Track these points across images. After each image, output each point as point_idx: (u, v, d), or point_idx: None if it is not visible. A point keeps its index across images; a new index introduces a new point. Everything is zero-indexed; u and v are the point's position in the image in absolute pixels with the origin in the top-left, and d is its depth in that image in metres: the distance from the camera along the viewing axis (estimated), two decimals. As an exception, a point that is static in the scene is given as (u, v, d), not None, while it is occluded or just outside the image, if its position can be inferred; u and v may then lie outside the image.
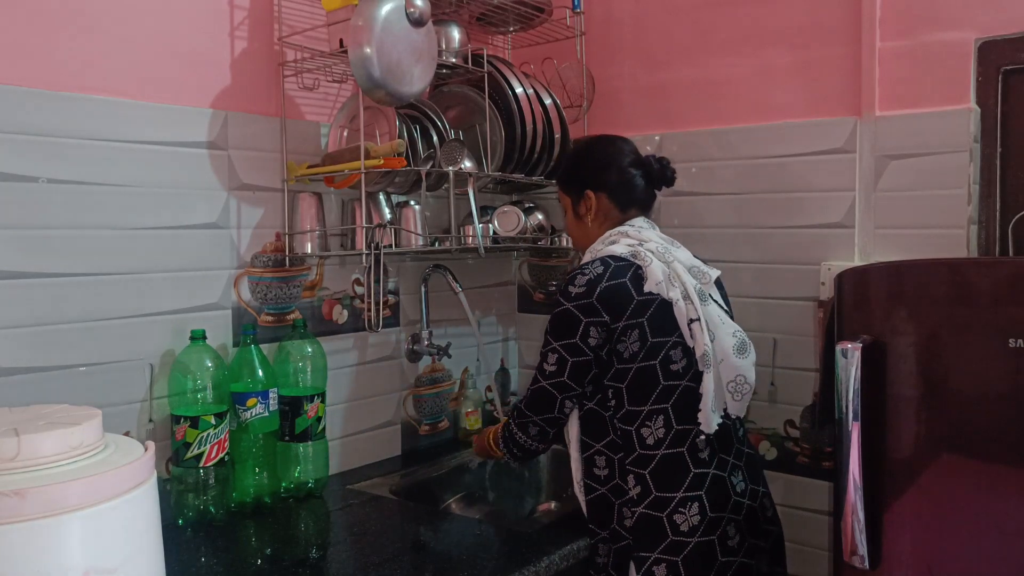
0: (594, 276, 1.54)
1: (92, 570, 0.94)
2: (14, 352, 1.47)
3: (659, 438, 1.52)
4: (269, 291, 1.87)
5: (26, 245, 1.49)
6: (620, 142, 1.75)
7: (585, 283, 1.54)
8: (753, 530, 1.57)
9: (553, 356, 1.56)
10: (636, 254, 1.57)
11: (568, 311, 1.54)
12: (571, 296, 1.55)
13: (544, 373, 1.58)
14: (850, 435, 1.46)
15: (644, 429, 1.52)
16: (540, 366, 1.60)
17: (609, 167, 1.69)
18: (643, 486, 1.51)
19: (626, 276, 1.54)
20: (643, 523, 1.50)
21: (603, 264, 1.56)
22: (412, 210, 2.00)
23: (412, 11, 1.71)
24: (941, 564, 1.40)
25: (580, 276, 1.56)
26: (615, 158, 1.70)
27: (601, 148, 1.74)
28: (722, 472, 1.55)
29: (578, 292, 1.54)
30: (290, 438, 1.79)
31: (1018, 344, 1.31)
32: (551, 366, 1.57)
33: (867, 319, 1.50)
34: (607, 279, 1.54)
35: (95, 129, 1.57)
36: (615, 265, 1.56)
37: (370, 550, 1.52)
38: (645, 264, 1.54)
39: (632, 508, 1.51)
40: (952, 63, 1.79)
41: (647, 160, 1.71)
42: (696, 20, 2.15)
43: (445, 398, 2.32)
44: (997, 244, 1.77)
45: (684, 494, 1.50)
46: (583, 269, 1.57)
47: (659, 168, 1.71)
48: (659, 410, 1.52)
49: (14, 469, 0.95)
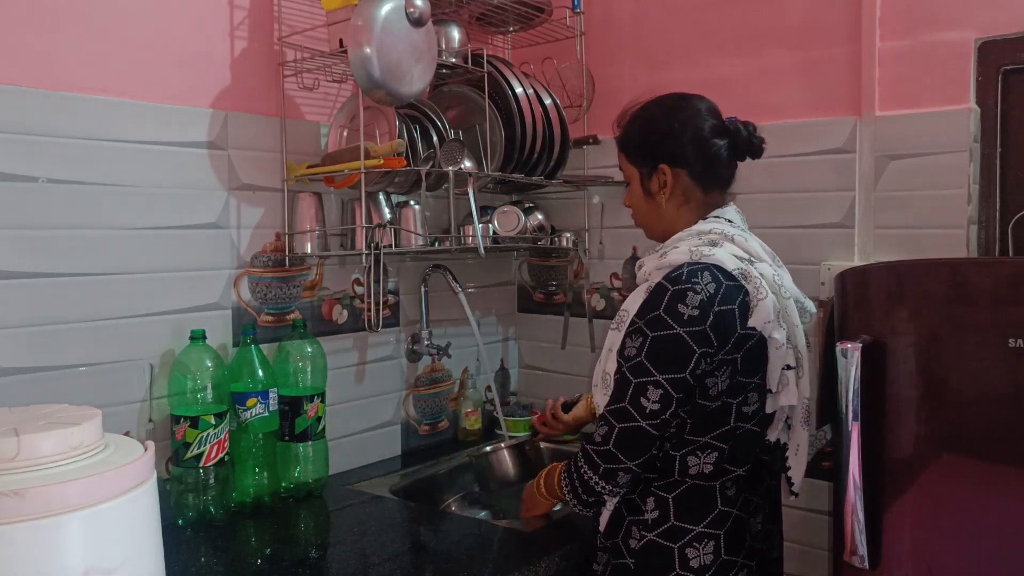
0: (707, 297, 1.31)
1: (92, 570, 0.94)
2: (14, 352, 1.47)
3: (703, 472, 1.38)
4: (269, 291, 1.87)
5: (26, 245, 1.48)
6: (698, 101, 1.48)
7: (699, 304, 1.30)
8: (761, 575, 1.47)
9: (656, 391, 1.31)
10: (747, 275, 1.35)
11: (679, 338, 1.30)
12: (683, 319, 1.30)
13: (643, 411, 1.32)
14: (850, 435, 1.45)
15: (692, 458, 1.38)
16: (635, 400, 1.32)
17: (691, 137, 1.44)
18: (662, 511, 1.38)
19: (735, 302, 1.33)
20: (650, 550, 1.38)
21: (714, 280, 1.32)
22: (412, 210, 2.00)
23: (412, 11, 1.71)
24: (941, 564, 1.40)
25: (691, 293, 1.30)
26: (697, 125, 1.45)
27: (681, 112, 1.47)
28: (744, 514, 1.42)
29: (691, 315, 1.30)
30: (290, 438, 1.79)
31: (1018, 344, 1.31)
32: (653, 404, 1.32)
33: (867, 319, 1.50)
34: (720, 302, 1.31)
35: (95, 129, 1.57)
36: (727, 285, 1.33)
37: (370, 550, 1.52)
38: (759, 297, 1.34)
39: (642, 531, 1.39)
40: (952, 63, 1.79)
41: (733, 126, 1.46)
42: (696, 20, 2.15)
43: (445, 398, 2.32)
44: (997, 244, 1.77)
45: (703, 529, 1.37)
46: (692, 283, 1.31)
47: (746, 135, 1.46)
48: (716, 447, 1.38)
49: (14, 469, 0.95)
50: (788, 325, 1.40)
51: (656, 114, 1.49)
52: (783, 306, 1.39)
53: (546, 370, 2.49)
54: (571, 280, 2.42)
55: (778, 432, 1.43)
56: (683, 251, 1.38)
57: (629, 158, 1.52)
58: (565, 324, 2.37)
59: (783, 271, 1.47)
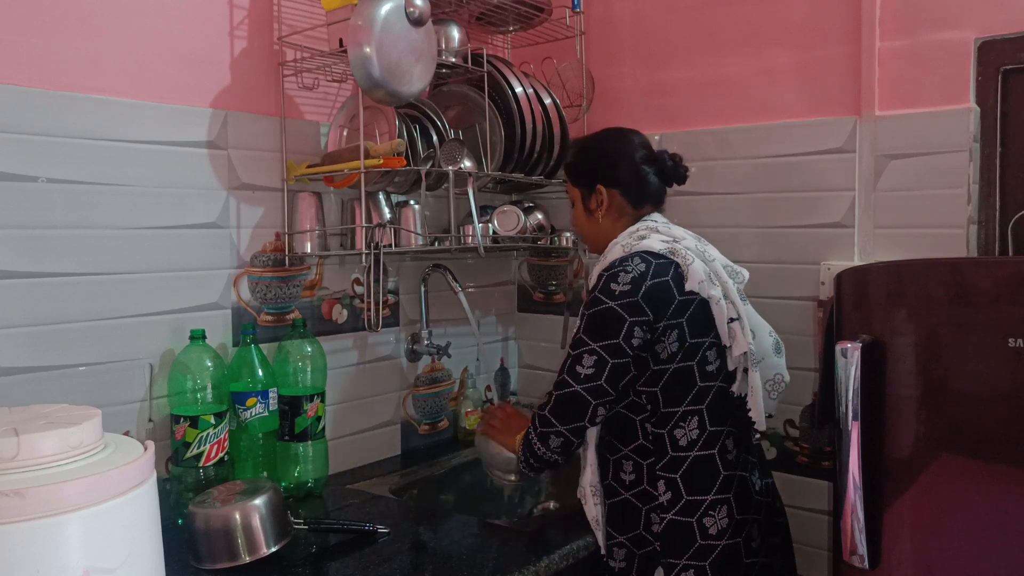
0: (638, 274, 1.47)
1: (92, 570, 0.94)
2: (14, 352, 1.47)
3: (692, 439, 1.49)
4: (269, 291, 1.87)
5: (26, 245, 1.48)
6: (632, 135, 1.69)
7: (630, 281, 1.47)
8: (769, 527, 1.58)
9: (591, 358, 1.46)
10: (674, 251, 1.51)
11: (611, 310, 1.46)
12: (615, 294, 1.46)
13: (577, 376, 1.47)
14: (850, 435, 1.46)
15: (677, 431, 1.49)
16: (571, 368, 1.48)
17: (621, 162, 1.64)
18: (674, 491, 1.48)
19: (668, 274, 1.48)
20: (672, 529, 1.48)
21: (644, 261, 1.49)
22: (412, 210, 2.00)
23: (412, 11, 1.71)
24: (941, 564, 1.40)
25: (623, 273, 1.48)
26: (627, 153, 1.65)
27: (613, 142, 1.68)
28: (745, 472, 1.54)
29: (623, 290, 1.46)
30: (290, 438, 1.79)
31: (1018, 344, 1.31)
32: (587, 368, 1.46)
33: (867, 319, 1.50)
34: (651, 277, 1.47)
35: (95, 129, 1.57)
36: (656, 263, 1.49)
37: (370, 550, 1.52)
38: (686, 263, 1.49)
39: (661, 514, 1.49)
40: (952, 63, 1.79)
41: (660, 156, 1.66)
42: (696, 20, 2.15)
43: (445, 398, 2.32)
44: (997, 244, 1.77)
45: (714, 497, 1.48)
46: (623, 266, 1.49)
47: (672, 165, 1.66)
48: (694, 411, 1.50)
49: (14, 469, 0.95)
50: (720, 283, 1.53)
51: (595, 144, 1.71)
52: (712, 268, 1.54)
53: (546, 370, 2.49)
54: (571, 280, 2.42)
55: (739, 384, 1.53)
56: (617, 250, 1.55)
57: (572, 181, 1.71)
58: (565, 324, 2.37)
59: (708, 247, 1.62)
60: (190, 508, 1.46)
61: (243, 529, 1.42)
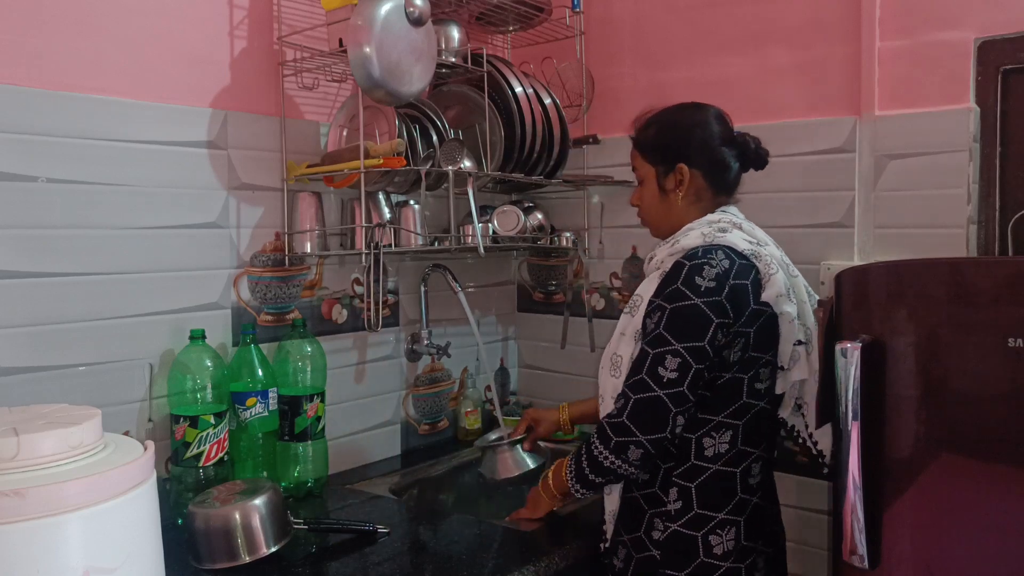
0: (722, 270, 1.37)
1: (92, 570, 0.94)
2: (14, 352, 1.47)
3: (719, 452, 1.41)
4: (268, 291, 1.87)
5: (26, 245, 1.48)
6: (711, 110, 1.56)
7: (715, 277, 1.36)
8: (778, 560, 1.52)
9: (674, 360, 1.33)
10: (757, 255, 1.41)
11: (697, 307, 1.34)
12: (700, 290, 1.35)
13: (660, 380, 1.34)
14: (849, 434, 1.46)
15: (707, 439, 1.41)
16: (652, 370, 1.35)
17: (708, 142, 1.52)
18: (685, 501, 1.41)
19: (748, 278, 1.39)
20: (675, 540, 1.42)
21: (727, 257, 1.39)
22: (411, 209, 2.00)
23: (412, 10, 1.71)
24: (940, 564, 1.40)
25: (707, 267, 1.36)
26: (715, 132, 1.53)
27: (701, 119, 1.55)
28: (764, 502, 1.48)
29: (708, 287, 1.35)
30: (289, 438, 1.79)
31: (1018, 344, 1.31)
32: (671, 372, 1.33)
33: (866, 319, 1.50)
34: (735, 276, 1.37)
35: (95, 129, 1.57)
36: (739, 263, 1.39)
37: (370, 550, 1.52)
38: (769, 272, 1.40)
39: (666, 522, 1.42)
40: (952, 63, 1.79)
41: (742, 139, 1.54)
42: (696, 20, 2.15)
43: (445, 398, 2.32)
44: (996, 243, 1.77)
45: (725, 516, 1.41)
46: (707, 259, 1.37)
47: (754, 148, 1.55)
48: (730, 425, 1.42)
49: (13, 469, 0.95)
50: (798, 301, 1.45)
51: (676, 118, 1.57)
52: (792, 283, 1.46)
53: (546, 370, 2.49)
54: (571, 280, 2.42)
55: (789, 412, 1.47)
56: (696, 235, 1.44)
57: (646, 157, 1.57)
58: (565, 324, 2.37)
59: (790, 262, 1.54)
60: (190, 508, 1.46)
61: (243, 529, 1.42)
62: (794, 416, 1.48)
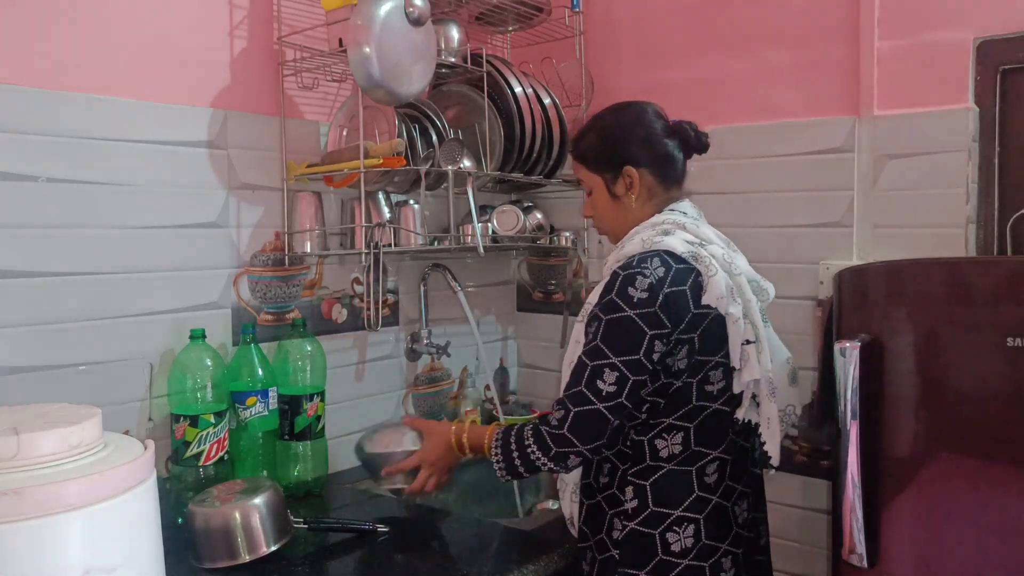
0: (656, 280, 1.35)
1: (92, 569, 0.94)
2: (14, 352, 1.47)
3: (673, 453, 1.40)
4: (268, 290, 1.87)
5: (26, 244, 1.49)
6: (646, 106, 1.54)
7: (648, 287, 1.34)
8: (748, 564, 1.47)
9: (612, 374, 1.34)
10: (697, 256, 1.39)
11: (630, 319, 1.34)
12: (632, 302, 1.34)
13: (599, 394, 1.34)
14: (849, 434, 1.46)
15: (659, 440, 1.40)
16: (591, 383, 1.35)
17: (647, 138, 1.50)
18: (641, 499, 1.40)
19: (687, 283, 1.37)
20: (633, 539, 1.40)
21: (663, 264, 1.37)
22: (411, 209, 2.00)
23: (411, 10, 1.71)
24: (939, 562, 1.40)
25: (640, 277, 1.35)
26: (652, 128, 1.51)
27: (634, 117, 1.53)
28: (726, 501, 1.43)
29: (640, 298, 1.34)
30: (289, 437, 1.79)
31: (1016, 343, 1.31)
32: (609, 386, 1.34)
33: (865, 318, 1.50)
34: (669, 284, 1.35)
35: (95, 128, 1.57)
36: (676, 268, 1.37)
37: (369, 549, 1.53)
38: (708, 274, 1.38)
39: (624, 521, 1.41)
40: (951, 62, 1.79)
41: (681, 127, 1.52)
42: (695, 20, 2.15)
43: (444, 397, 2.32)
44: (995, 243, 1.77)
45: (682, 513, 1.39)
46: (641, 268, 1.36)
47: (695, 135, 1.52)
48: (680, 427, 1.40)
49: (13, 468, 0.95)
50: (743, 300, 1.42)
51: (613, 121, 1.55)
52: (736, 283, 1.42)
53: (545, 369, 2.49)
54: (570, 279, 2.42)
55: (746, 410, 1.43)
56: (636, 242, 1.43)
57: (590, 167, 1.55)
58: (564, 323, 2.37)
59: (737, 255, 1.50)
60: (190, 507, 1.46)
61: (243, 528, 1.42)
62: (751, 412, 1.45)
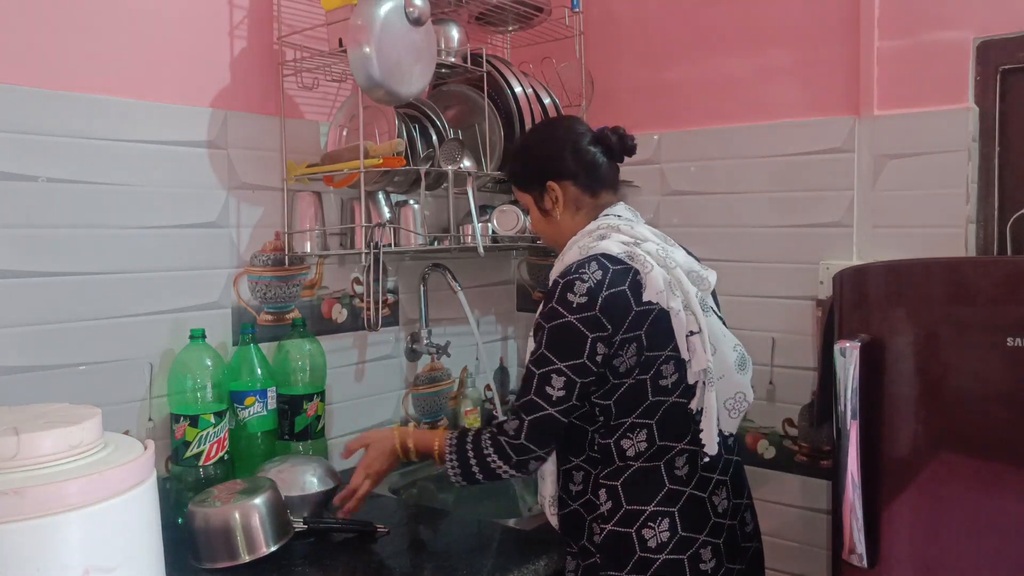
0: (594, 284, 1.38)
1: (92, 569, 0.94)
2: (14, 352, 1.47)
3: (639, 451, 1.42)
4: (268, 290, 1.87)
5: (26, 245, 1.49)
6: (565, 121, 1.62)
7: (586, 292, 1.38)
8: (732, 552, 1.47)
9: (560, 379, 1.38)
10: (633, 256, 1.42)
11: (571, 325, 1.38)
12: (572, 307, 1.38)
13: (549, 399, 1.38)
14: (848, 434, 1.46)
15: (625, 440, 1.42)
16: (541, 390, 1.39)
17: (564, 151, 1.55)
18: (614, 500, 1.41)
19: (625, 283, 1.40)
20: (612, 541, 1.41)
21: (600, 267, 1.40)
22: (411, 209, 2.00)
23: (411, 10, 1.71)
24: (939, 562, 1.40)
25: (579, 283, 1.39)
26: (567, 140, 1.56)
27: (551, 133, 1.60)
28: (701, 492, 1.44)
29: (579, 303, 1.38)
30: (289, 437, 1.79)
31: (1017, 343, 1.32)
32: (558, 391, 1.38)
33: (865, 318, 1.50)
34: (607, 286, 1.39)
35: (95, 129, 1.57)
36: (613, 269, 1.40)
37: (369, 549, 1.53)
38: (645, 270, 1.41)
39: (602, 525, 1.42)
40: (951, 62, 1.79)
41: (602, 134, 1.56)
42: (695, 19, 2.16)
43: (444, 397, 2.32)
44: (995, 243, 1.78)
45: (655, 508, 1.40)
46: (580, 274, 1.40)
47: (617, 140, 1.56)
48: (643, 424, 1.42)
49: (13, 468, 0.95)
50: (682, 292, 1.44)
51: (532, 141, 1.63)
52: (674, 276, 1.45)
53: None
54: (570, 279, 2.42)
55: (697, 400, 1.44)
56: (575, 251, 1.48)
57: (520, 187, 1.62)
58: (564, 323, 2.37)
59: (674, 248, 1.53)
60: (190, 507, 1.46)
61: (243, 528, 1.43)
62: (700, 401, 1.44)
